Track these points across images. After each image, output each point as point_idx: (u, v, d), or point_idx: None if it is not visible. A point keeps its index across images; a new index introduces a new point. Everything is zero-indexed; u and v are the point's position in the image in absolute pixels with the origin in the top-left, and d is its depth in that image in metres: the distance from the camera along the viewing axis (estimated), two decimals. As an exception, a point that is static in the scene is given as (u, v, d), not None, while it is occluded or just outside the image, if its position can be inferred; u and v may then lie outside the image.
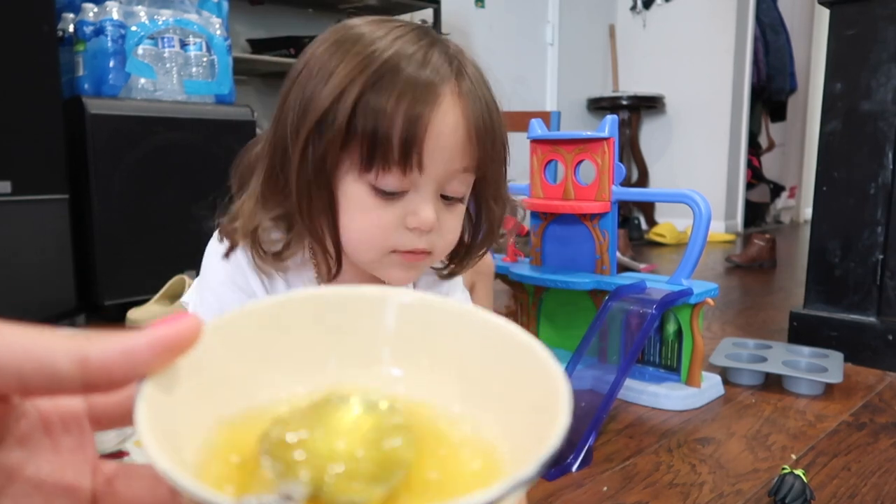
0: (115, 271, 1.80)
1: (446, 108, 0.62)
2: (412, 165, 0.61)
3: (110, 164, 1.76)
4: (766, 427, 1.14)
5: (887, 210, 1.45)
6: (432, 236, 0.67)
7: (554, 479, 0.95)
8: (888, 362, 1.44)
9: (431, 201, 0.65)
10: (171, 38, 1.85)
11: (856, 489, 0.92)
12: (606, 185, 1.29)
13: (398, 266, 0.68)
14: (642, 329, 1.14)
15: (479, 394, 0.26)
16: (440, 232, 0.67)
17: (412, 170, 0.62)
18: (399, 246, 0.66)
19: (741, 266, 2.88)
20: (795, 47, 4.52)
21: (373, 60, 0.60)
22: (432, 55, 0.63)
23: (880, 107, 1.44)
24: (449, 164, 0.64)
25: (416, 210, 0.64)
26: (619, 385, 1.09)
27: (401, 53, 0.61)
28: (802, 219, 5.07)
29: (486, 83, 0.68)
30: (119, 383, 0.21)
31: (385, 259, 0.67)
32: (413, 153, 0.61)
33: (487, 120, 0.65)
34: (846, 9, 1.48)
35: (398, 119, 0.60)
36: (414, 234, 0.65)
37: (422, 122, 0.60)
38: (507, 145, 0.70)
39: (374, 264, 0.68)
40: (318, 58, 0.64)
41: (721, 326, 1.84)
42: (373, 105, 0.60)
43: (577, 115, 4.18)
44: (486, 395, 0.26)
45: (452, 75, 0.63)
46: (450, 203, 0.67)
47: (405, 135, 0.60)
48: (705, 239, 1.23)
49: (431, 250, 0.68)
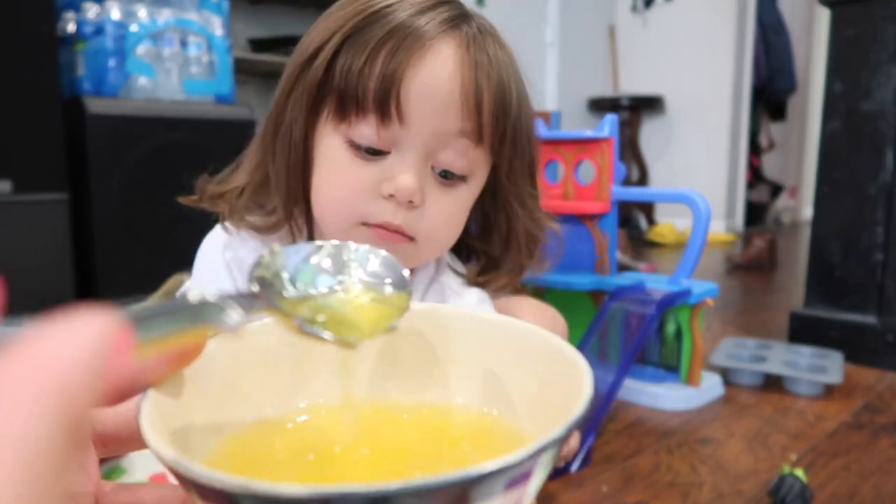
0: (115, 271, 1.80)
1: (442, 59, 0.54)
2: (390, 114, 0.53)
3: (110, 164, 1.76)
4: (766, 427, 1.14)
5: (887, 210, 1.45)
6: (412, 215, 0.57)
7: (553, 479, 0.95)
8: (888, 362, 1.44)
9: (414, 167, 0.55)
10: (172, 37, 1.85)
11: (856, 489, 0.92)
12: (606, 185, 1.29)
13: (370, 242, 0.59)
14: (641, 329, 1.14)
15: (495, 387, 0.26)
16: (424, 212, 0.57)
17: (391, 120, 0.53)
18: (369, 216, 0.56)
19: (741, 266, 2.88)
20: (796, 47, 4.52)
21: (370, 7, 0.55)
22: (442, 14, 0.56)
23: (880, 107, 1.44)
24: (439, 123, 0.54)
25: (394, 174, 0.55)
26: (618, 385, 1.09)
27: (404, 5, 0.55)
28: (803, 219, 5.06)
29: (513, 65, 0.60)
30: (125, 394, 0.21)
31: (354, 231, 0.57)
32: (391, 98, 0.52)
33: (502, 92, 0.57)
34: (846, 9, 1.48)
35: (378, 60, 0.53)
36: (389, 205, 0.56)
37: (405, 64, 0.52)
38: (534, 142, 0.62)
39: (344, 237, 0.56)
40: (324, 14, 0.59)
41: (721, 326, 1.84)
42: (356, 45, 0.53)
43: (577, 115, 4.18)
44: (505, 388, 0.26)
45: (462, 35, 0.56)
46: (448, 182, 0.58)
47: (383, 75, 0.52)
48: (705, 239, 1.23)
49: (412, 234, 0.57)
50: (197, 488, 0.19)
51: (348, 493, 0.16)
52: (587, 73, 4.27)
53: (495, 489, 0.18)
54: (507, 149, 0.59)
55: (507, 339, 0.27)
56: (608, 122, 1.28)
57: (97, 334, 0.15)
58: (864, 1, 1.45)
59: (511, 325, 0.27)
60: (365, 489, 0.16)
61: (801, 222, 5.05)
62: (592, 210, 1.30)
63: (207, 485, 0.18)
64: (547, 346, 0.25)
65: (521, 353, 0.26)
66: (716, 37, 4.02)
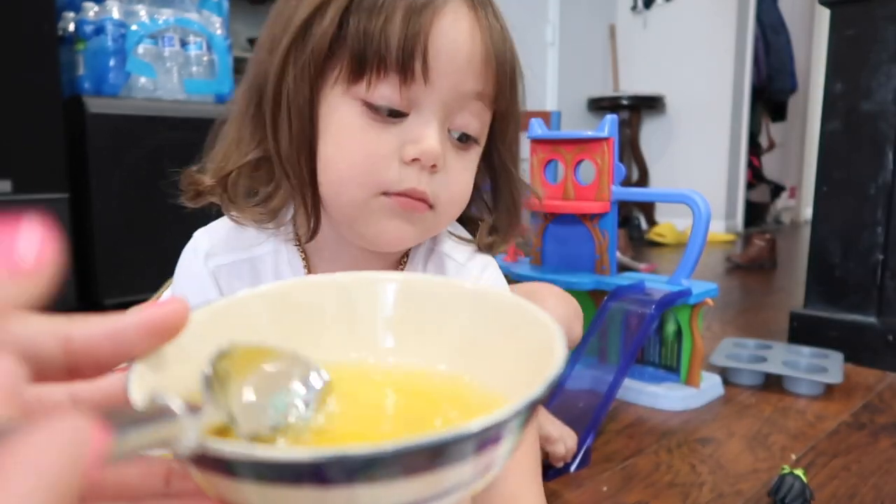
0: (116, 270, 1.80)
1: (460, 19, 0.52)
2: (414, 72, 0.50)
3: (110, 164, 1.76)
4: (766, 427, 1.14)
5: (887, 210, 1.45)
6: (436, 180, 0.54)
7: (552, 478, 0.95)
8: (888, 362, 1.44)
9: (437, 128, 0.52)
10: (172, 37, 1.85)
11: (856, 489, 0.92)
12: (606, 185, 1.29)
13: (389, 214, 0.54)
14: (640, 329, 1.14)
15: (474, 354, 0.26)
16: (445, 177, 0.54)
17: (415, 79, 0.50)
18: (391, 185, 0.53)
19: (741, 266, 2.88)
20: (796, 47, 4.52)
21: None
22: None
23: (880, 107, 1.44)
24: (461, 84, 0.52)
25: (417, 137, 0.52)
26: (617, 385, 1.09)
27: None
28: (803, 219, 5.06)
29: (509, 33, 0.60)
30: (104, 366, 0.21)
31: (373, 203, 0.53)
32: (416, 55, 0.49)
33: (512, 58, 0.56)
34: (847, 9, 1.48)
35: (397, 18, 0.49)
36: (412, 170, 0.52)
37: (429, 22, 0.50)
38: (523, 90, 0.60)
39: (360, 211, 0.54)
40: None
41: (721, 326, 1.84)
42: (366, 4, 0.50)
43: (577, 115, 4.18)
44: (481, 355, 0.26)
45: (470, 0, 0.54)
46: (463, 146, 0.55)
47: (406, 32, 0.49)
48: (705, 239, 1.23)
49: (433, 202, 0.54)
50: (192, 457, 0.19)
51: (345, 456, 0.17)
52: (587, 73, 4.27)
53: (466, 452, 0.18)
54: (510, 112, 0.58)
55: (484, 306, 0.27)
56: (608, 122, 1.28)
57: (79, 440, 0.15)
58: (864, 1, 1.45)
59: (488, 293, 0.27)
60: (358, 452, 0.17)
61: (801, 222, 5.05)
62: (592, 210, 1.30)
63: (203, 453, 0.18)
64: (522, 314, 0.25)
65: (497, 321, 0.26)
66: (716, 37, 4.02)
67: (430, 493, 0.18)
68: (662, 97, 4.20)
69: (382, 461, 0.17)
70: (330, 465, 0.17)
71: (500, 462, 0.20)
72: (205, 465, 0.19)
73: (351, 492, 0.17)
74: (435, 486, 0.18)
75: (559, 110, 2.69)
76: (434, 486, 0.18)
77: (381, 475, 0.17)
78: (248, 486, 0.18)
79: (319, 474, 0.17)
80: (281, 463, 0.17)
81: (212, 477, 0.19)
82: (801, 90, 4.76)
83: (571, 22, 4.05)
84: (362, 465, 0.17)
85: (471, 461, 0.19)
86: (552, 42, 3.96)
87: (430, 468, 0.18)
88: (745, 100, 4.15)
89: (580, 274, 1.31)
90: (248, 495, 0.19)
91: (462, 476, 0.19)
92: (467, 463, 0.18)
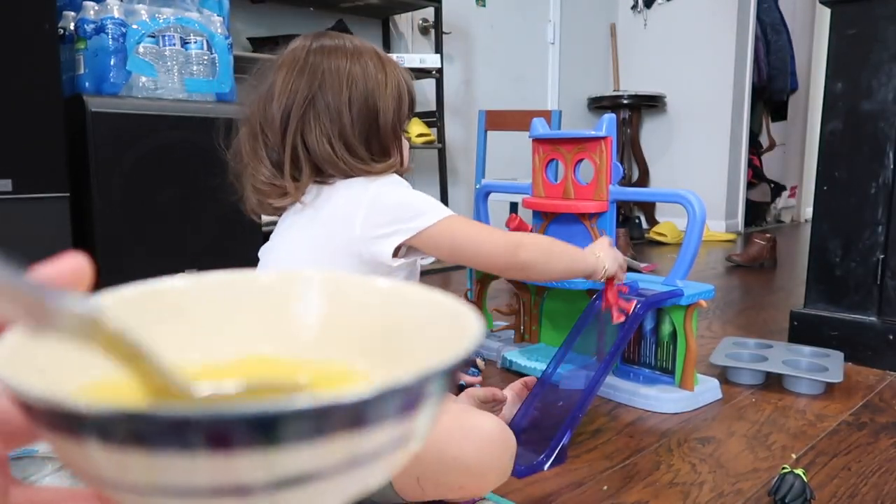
0: (116, 270, 1.80)
1: None
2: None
3: (111, 163, 1.76)
4: (767, 426, 1.14)
5: (888, 210, 1.45)
6: None
7: (524, 476, 0.95)
8: (888, 362, 1.44)
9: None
10: (172, 36, 1.85)
11: (856, 489, 0.92)
12: (604, 184, 1.29)
13: None
14: (625, 328, 1.14)
15: (388, 349, 0.26)
16: None
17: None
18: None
19: (742, 265, 2.88)
20: (796, 47, 4.52)
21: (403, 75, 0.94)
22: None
23: (881, 106, 1.44)
24: None
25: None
26: (597, 384, 1.08)
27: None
28: (803, 218, 5.06)
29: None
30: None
31: None
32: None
33: None
34: (847, 8, 1.48)
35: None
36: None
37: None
38: None
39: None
40: (372, 69, 0.90)
41: (722, 326, 1.84)
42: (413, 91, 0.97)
43: (578, 115, 4.18)
44: (398, 350, 0.26)
45: None
46: None
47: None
48: (700, 239, 1.23)
49: None
50: (45, 416, 0.17)
51: (238, 414, 0.15)
52: (588, 72, 4.27)
53: (387, 412, 0.17)
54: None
55: (400, 305, 0.27)
56: (606, 122, 1.28)
57: None
58: (865, 0, 1.45)
59: (403, 290, 0.27)
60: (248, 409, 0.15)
61: (801, 222, 5.05)
62: (590, 209, 1.30)
63: (55, 408, 0.16)
64: (440, 311, 0.25)
65: (413, 319, 0.26)
66: (716, 36, 4.02)
67: (340, 460, 0.17)
68: (663, 96, 4.20)
69: (296, 416, 0.15)
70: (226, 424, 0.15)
71: (419, 433, 0.19)
72: (56, 426, 0.17)
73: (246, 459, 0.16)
74: (349, 450, 0.17)
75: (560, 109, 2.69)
76: (348, 451, 0.17)
77: (290, 434, 0.16)
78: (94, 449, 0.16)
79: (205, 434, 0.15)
80: (170, 419, 0.15)
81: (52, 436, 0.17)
82: (802, 90, 4.76)
83: (572, 21, 4.04)
84: (269, 421, 0.15)
85: (390, 424, 0.18)
86: (553, 41, 3.96)
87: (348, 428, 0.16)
88: (745, 99, 4.15)
89: (580, 273, 1.31)
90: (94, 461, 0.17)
91: (378, 441, 0.18)
92: (387, 426, 0.17)
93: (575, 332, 1.19)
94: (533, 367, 1.37)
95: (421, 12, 3.10)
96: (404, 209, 0.88)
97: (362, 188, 0.88)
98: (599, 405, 1.24)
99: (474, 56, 3.46)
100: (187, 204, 1.83)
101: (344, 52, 0.89)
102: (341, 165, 0.87)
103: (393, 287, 0.27)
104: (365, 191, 0.87)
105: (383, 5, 2.83)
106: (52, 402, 0.16)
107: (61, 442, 0.17)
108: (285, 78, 0.88)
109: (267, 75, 0.90)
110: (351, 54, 0.89)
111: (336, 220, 0.88)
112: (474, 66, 3.46)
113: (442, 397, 0.19)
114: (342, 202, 0.88)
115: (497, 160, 2.63)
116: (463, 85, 3.41)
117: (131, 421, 0.16)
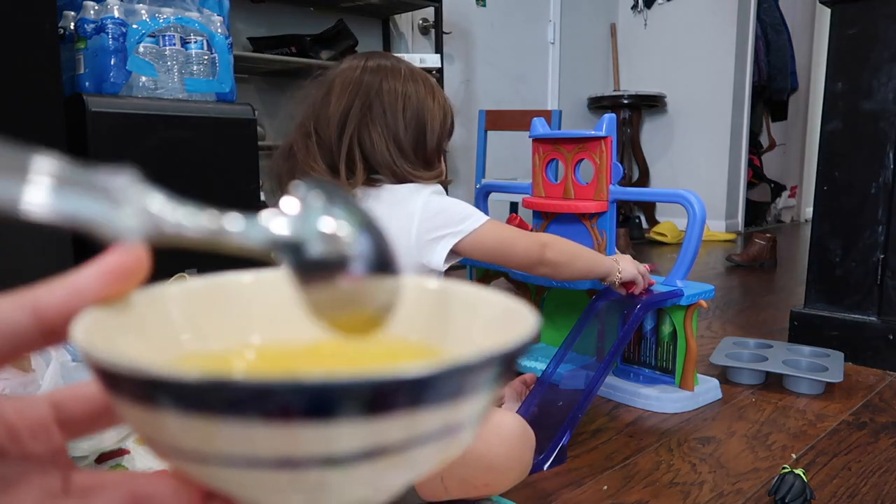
0: (116, 269, 1.80)
1: None
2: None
3: (111, 162, 1.76)
4: (767, 426, 1.14)
5: (888, 210, 1.45)
6: None
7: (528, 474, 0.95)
8: (889, 362, 1.44)
9: None
10: (173, 35, 1.85)
11: (856, 489, 0.92)
12: (604, 184, 1.29)
13: None
14: (625, 328, 1.14)
15: (449, 339, 0.26)
16: None
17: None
18: None
19: (742, 265, 2.88)
20: (797, 46, 4.52)
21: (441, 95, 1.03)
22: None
23: (881, 106, 1.44)
24: None
25: None
26: (597, 384, 1.08)
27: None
28: (803, 218, 5.06)
29: None
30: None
31: None
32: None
33: None
34: (848, 8, 1.48)
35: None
36: None
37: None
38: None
39: None
40: (423, 90, 0.98)
41: (722, 326, 1.84)
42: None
43: (578, 115, 4.18)
44: (459, 339, 0.26)
45: None
46: None
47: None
48: (700, 239, 1.23)
49: None
50: (125, 384, 0.17)
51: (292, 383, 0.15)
52: (588, 72, 4.27)
53: (449, 390, 0.17)
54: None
55: (455, 303, 0.27)
56: (605, 121, 1.28)
57: None
58: (865, 0, 1.45)
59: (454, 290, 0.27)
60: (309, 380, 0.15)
61: (801, 222, 5.05)
62: (589, 209, 1.29)
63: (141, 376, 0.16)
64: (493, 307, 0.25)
65: (468, 315, 0.26)
66: (717, 36, 4.02)
67: (396, 440, 0.17)
68: (663, 96, 4.20)
69: (359, 391, 0.15)
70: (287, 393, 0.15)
71: (469, 424, 0.19)
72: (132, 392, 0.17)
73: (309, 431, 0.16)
74: (407, 429, 0.17)
75: (560, 109, 2.69)
76: (405, 430, 0.17)
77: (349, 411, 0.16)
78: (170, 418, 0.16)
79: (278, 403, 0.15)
80: (232, 387, 0.15)
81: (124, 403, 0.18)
82: (802, 89, 4.76)
83: (572, 21, 4.04)
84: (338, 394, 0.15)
85: (447, 406, 0.17)
86: (553, 41, 3.96)
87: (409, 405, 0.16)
88: (745, 99, 4.15)
89: (580, 273, 1.31)
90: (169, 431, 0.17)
91: (430, 424, 0.17)
92: (440, 407, 0.17)
93: (575, 332, 1.19)
94: (533, 367, 1.37)
95: (421, 12, 3.10)
96: (452, 214, 0.95)
97: (409, 196, 0.94)
98: (599, 405, 1.24)
99: (474, 56, 3.46)
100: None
101: (398, 72, 0.97)
102: (395, 168, 0.94)
103: (444, 286, 0.28)
104: (413, 200, 0.94)
105: (383, 5, 2.83)
106: (135, 369, 0.17)
107: (138, 412, 0.18)
108: (343, 85, 0.95)
109: (324, 83, 0.98)
110: (405, 75, 0.98)
111: (390, 229, 0.89)
112: (474, 66, 3.46)
113: (497, 387, 0.19)
114: (396, 212, 0.94)
115: (497, 160, 2.63)
116: (463, 85, 3.41)
117: (214, 389, 0.16)
